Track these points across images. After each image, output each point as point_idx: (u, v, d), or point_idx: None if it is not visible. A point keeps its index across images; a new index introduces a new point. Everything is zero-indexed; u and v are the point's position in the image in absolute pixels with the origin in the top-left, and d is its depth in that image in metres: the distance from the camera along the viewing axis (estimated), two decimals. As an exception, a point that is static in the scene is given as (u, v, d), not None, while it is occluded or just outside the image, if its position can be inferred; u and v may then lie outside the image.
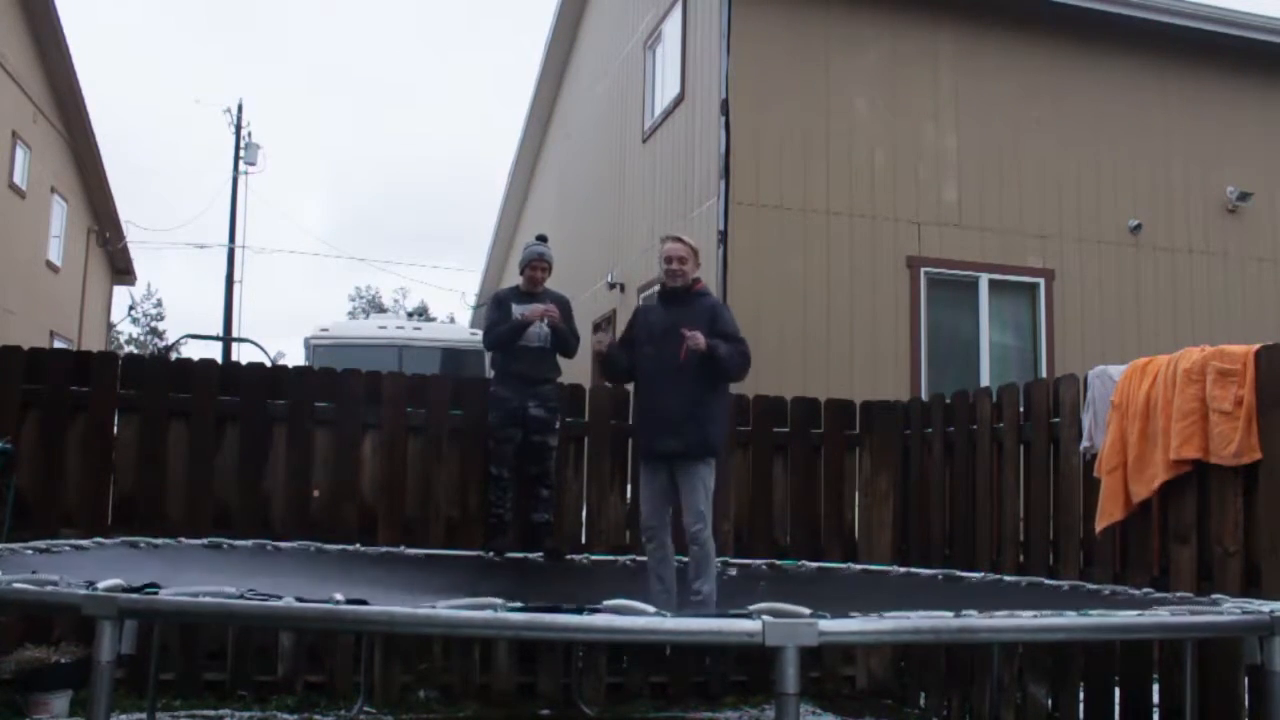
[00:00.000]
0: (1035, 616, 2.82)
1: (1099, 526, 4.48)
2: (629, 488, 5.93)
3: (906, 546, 6.08)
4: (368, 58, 74.38)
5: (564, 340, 5.67)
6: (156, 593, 2.66)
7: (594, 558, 5.71)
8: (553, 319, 5.57)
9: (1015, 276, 9.60)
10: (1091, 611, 2.93)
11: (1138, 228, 9.91)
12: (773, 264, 8.94)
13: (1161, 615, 3.06)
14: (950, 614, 2.71)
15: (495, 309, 5.76)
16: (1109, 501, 4.41)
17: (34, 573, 2.89)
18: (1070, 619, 2.85)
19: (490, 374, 5.94)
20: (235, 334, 21.32)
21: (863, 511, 6.20)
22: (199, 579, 2.93)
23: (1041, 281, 9.64)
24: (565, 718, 5.38)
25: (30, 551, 3.90)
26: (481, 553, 5.52)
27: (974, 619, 2.73)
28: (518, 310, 5.61)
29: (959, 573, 5.11)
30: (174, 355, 13.51)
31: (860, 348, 9.03)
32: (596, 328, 5.38)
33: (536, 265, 5.71)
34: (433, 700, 5.41)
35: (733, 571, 5.48)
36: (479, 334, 7.83)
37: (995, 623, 2.76)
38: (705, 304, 5.20)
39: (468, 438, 5.74)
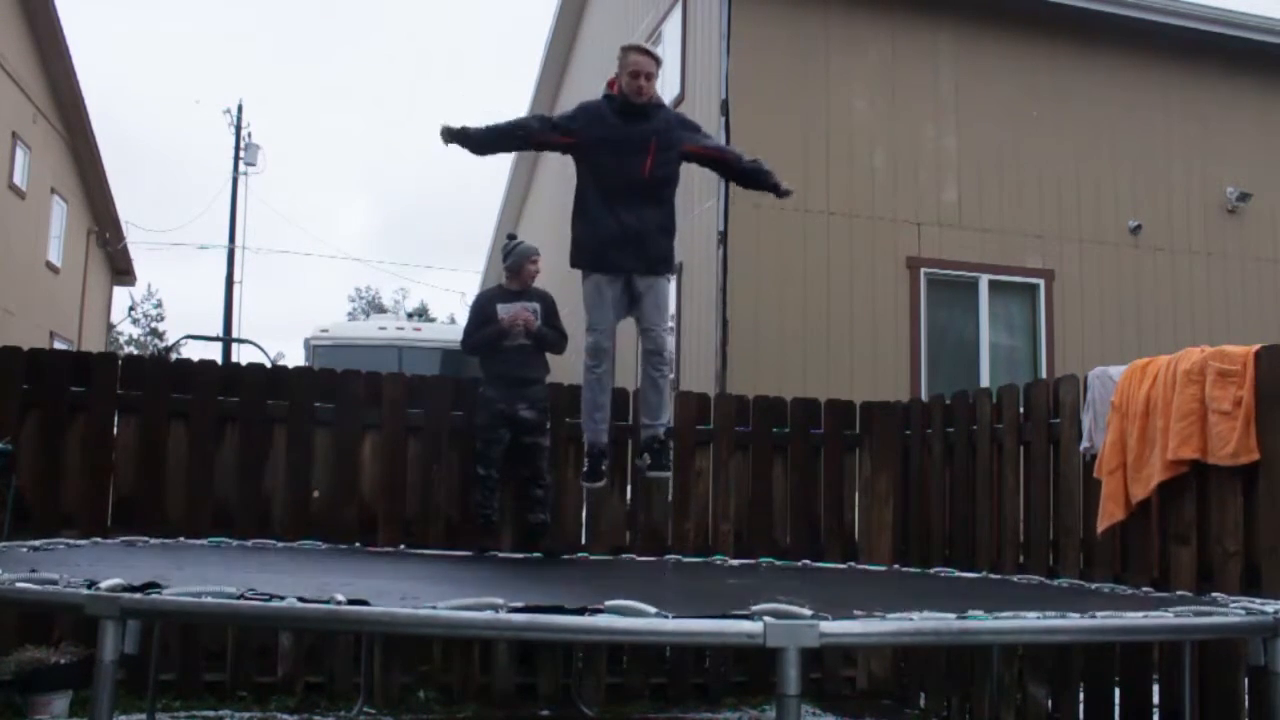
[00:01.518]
0: (1039, 618, 2.80)
1: (1100, 527, 4.48)
2: (629, 488, 5.93)
3: (906, 547, 6.08)
4: (367, 57, 74.44)
5: (546, 343, 5.67)
6: (159, 592, 2.65)
7: (594, 558, 5.70)
8: (528, 325, 5.54)
9: (1015, 277, 9.60)
10: (1095, 613, 2.91)
11: (1138, 228, 9.91)
12: (772, 264, 8.94)
13: (1165, 616, 3.05)
14: (952, 615, 2.70)
15: (478, 312, 5.72)
16: (1110, 502, 4.41)
17: (33, 570, 2.88)
18: (1073, 620, 2.84)
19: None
20: (235, 335, 21.33)
21: (863, 512, 6.20)
22: (199, 578, 2.92)
23: (1041, 282, 9.65)
24: (565, 718, 5.38)
25: (28, 550, 3.88)
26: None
27: (976, 620, 2.71)
28: (503, 310, 5.60)
29: (959, 573, 5.10)
30: (174, 356, 13.50)
31: (860, 348, 9.03)
32: None
33: (537, 259, 5.71)
34: (433, 701, 5.40)
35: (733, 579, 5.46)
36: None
37: (997, 624, 2.75)
38: (667, 115, 5.08)
39: (468, 438, 5.73)
